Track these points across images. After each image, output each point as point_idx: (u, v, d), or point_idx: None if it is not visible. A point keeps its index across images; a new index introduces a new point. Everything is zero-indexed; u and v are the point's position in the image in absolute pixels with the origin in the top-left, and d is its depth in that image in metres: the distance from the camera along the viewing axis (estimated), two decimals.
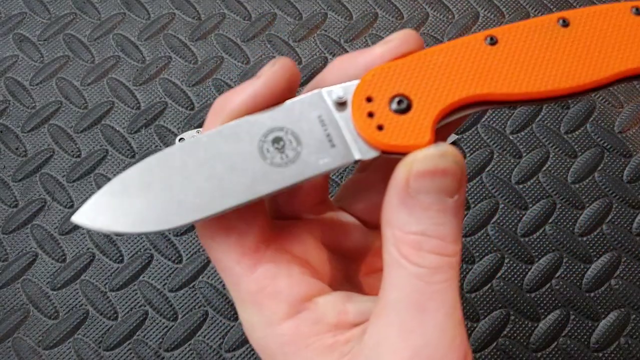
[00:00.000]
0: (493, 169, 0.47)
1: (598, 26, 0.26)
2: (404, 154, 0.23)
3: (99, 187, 0.47)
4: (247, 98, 0.24)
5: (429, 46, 0.23)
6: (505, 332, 0.43)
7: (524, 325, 0.43)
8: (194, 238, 0.46)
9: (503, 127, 0.48)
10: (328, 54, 0.52)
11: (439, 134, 0.24)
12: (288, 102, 0.25)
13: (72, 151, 0.48)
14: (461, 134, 0.48)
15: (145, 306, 0.44)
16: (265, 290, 0.24)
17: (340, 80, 0.25)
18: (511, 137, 0.48)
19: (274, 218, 0.27)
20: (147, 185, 0.24)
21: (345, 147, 0.24)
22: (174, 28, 0.53)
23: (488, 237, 0.45)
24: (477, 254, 0.45)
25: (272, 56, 0.51)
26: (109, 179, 0.47)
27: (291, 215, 0.27)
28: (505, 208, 0.46)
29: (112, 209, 0.24)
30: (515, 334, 0.43)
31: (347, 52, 0.52)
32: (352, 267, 0.28)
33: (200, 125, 0.49)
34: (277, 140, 0.24)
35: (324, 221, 0.28)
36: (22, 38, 0.53)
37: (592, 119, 0.49)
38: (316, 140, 0.24)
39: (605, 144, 0.48)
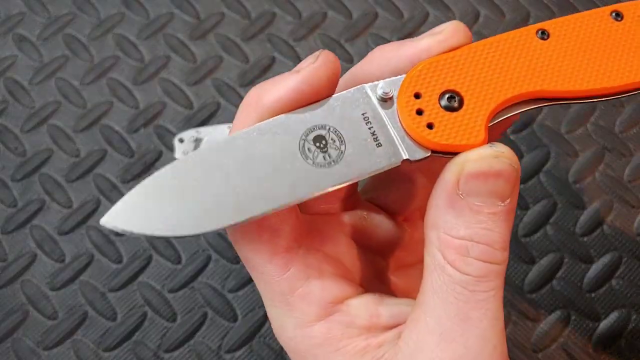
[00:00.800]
0: None
1: None
2: (455, 154, 0.22)
3: (98, 187, 0.47)
4: (284, 94, 0.23)
5: None
6: (506, 333, 0.43)
7: (524, 326, 0.43)
8: (193, 238, 0.45)
9: None
10: None
11: (490, 134, 0.23)
12: (330, 98, 0.23)
13: (71, 151, 0.48)
14: None
15: (144, 307, 0.44)
16: (297, 291, 0.23)
17: (382, 73, 0.24)
18: (512, 137, 0.48)
19: (304, 213, 0.26)
20: (181, 186, 0.22)
21: (393, 147, 0.23)
22: (173, 27, 0.53)
23: None
24: None
25: (271, 55, 0.51)
26: (108, 179, 0.47)
27: (321, 210, 0.26)
28: None
29: (146, 211, 0.22)
30: (516, 334, 0.43)
31: (346, 51, 0.51)
32: (382, 263, 0.27)
33: (199, 125, 0.49)
34: (319, 139, 0.23)
35: (354, 216, 0.27)
36: (21, 38, 0.53)
37: (592, 118, 0.49)
38: (361, 140, 0.23)
39: (606, 144, 0.48)
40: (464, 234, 0.21)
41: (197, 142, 0.46)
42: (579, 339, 0.42)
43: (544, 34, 0.24)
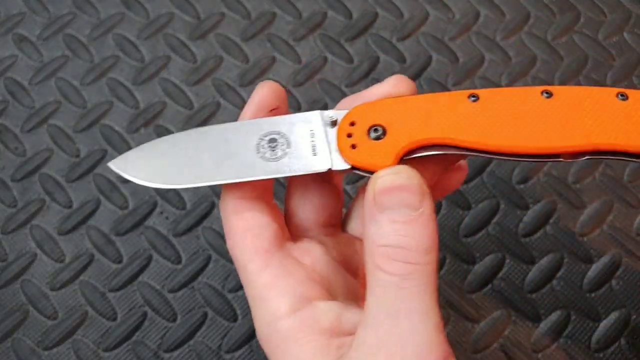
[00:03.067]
0: (493, 169, 0.47)
1: (579, 102, 0.28)
2: (370, 172, 0.28)
3: (98, 187, 0.47)
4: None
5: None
6: (506, 333, 0.43)
7: (524, 326, 0.43)
8: (193, 238, 0.46)
9: None
10: (328, 53, 0.51)
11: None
12: (294, 115, 0.30)
13: (71, 151, 0.48)
14: None
15: (144, 307, 0.44)
16: (272, 286, 0.27)
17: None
18: None
19: (294, 233, 0.31)
20: (168, 152, 0.30)
21: (325, 158, 0.29)
22: (173, 27, 0.53)
23: (489, 237, 0.45)
24: (478, 254, 0.45)
25: (271, 55, 0.51)
26: (108, 179, 0.47)
27: (308, 235, 0.31)
28: (506, 208, 0.46)
29: (145, 166, 0.30)
30: (515, 335, 0.43)
31: (346, 51, 0.51)
32: (354, 281, 0.30)
33: (199, 125, 0.49)
34: (272, 140, 0.30)
35: (336, 240, 0.31)
36: (22, 38, 0.53)
37: None
38: (303, 148, 0.29)
39: None
40: (385, 242, 0.25)
41: None
42: (579, 339, 0.42)
43: (474, 98, 0.29)
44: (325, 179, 0.31)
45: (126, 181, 0.47)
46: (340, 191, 0.32)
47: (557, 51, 0.51)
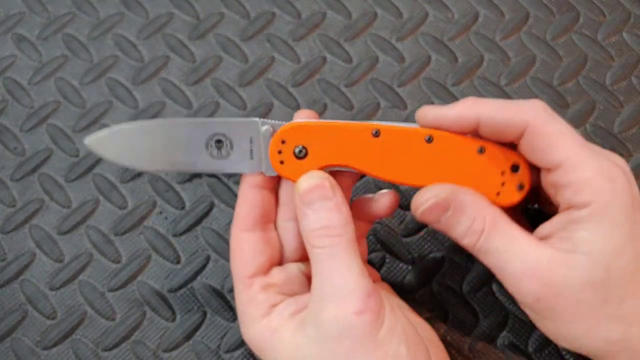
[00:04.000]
0: None
1: (450, 150, 0.36)
2: (293, 181, 0.36)
3: (97, 187, 0.47)
4: None
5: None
6: (504, 333, 0.43)
7: (523, 327, 0.43)
8: (192, 238, 0.46)
9: None
10: (327, 53, 0.51)
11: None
12: (241, 119, 0.37)
13: (71, 151, 0.48)
14: None
15: (143, 306, 0.44)
16: (253, 301, 0.36)
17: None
18: None
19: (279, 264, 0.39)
20: (135, 138, 0.36)
21: (259, 162, 0.37)
22: (173, 27, 0.53)
23: None
24: None
25: (271, 55, 0.51)
26: (107, 179, 0.47)
27: (291, 257, 0.39)
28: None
29: (117, 146, 0.37)
30: (514, 337, 0.43)
31: (346, 51, 0.51)
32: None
33: None
34: (219, 141, 0.36)
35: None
36: (21, 37, 0.53)
37: (591, 119, 0.49)
38: (243, 151, 0.36)
39: (605, 145, 0.48)
40: (315, 227, 0.34)
41: None
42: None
43: (377, 134, 0.35)
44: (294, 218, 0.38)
45: (126, 181, 0.47)
46: None
47: (557, 51, 0.51)
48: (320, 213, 0.34)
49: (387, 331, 0.33)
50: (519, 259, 0.34)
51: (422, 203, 0.35)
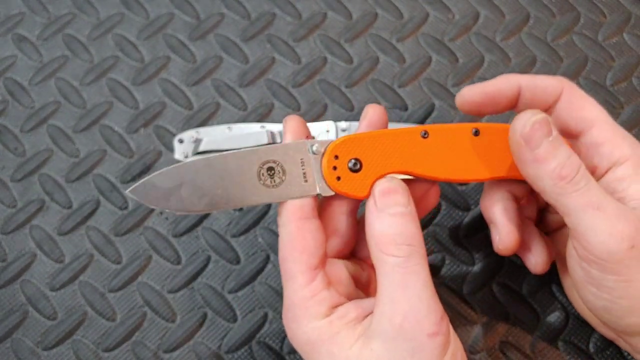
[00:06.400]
0: None
1: (498, 139, 0.36)
2: (350, 197, 0.35)
3: (97, 187, 0.47)
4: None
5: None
6: (504, 334, 0.43)
7: (523, 327, 0.43)
8: (193, 239, 0.46)
9: None
10: (328, 53, 0.51)
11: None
12: (288, 143, 0.35)
13: (71, 151, 0.48)
14: None
15: (144, 307, 0.44)
16: (313, 297, 0.34)
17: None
18: None
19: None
20: (181, 181, 0.34)
21: (313, 184, 0.34)
22: (173, 27, 0.53)
23: (488, 239, 0.45)
24: (477, 255, 0.45)
25: (271, 56, 0.51)
26: (107, 180, 0.47)
27: (337, 255, 0.37)
28: None
29: (159, 192, 0.34)
30: (514, 336, 0.43)
31: (346, 51, 0.51)
32: (366, 295, 0.38)
33: (199, 125, 0.49)
34: (270, 169, 0.34)
35: (350, 262, 0.38)
36: (21, 38, 0.53)
37: None
38: (296, 175, 0.34)
39: None
40: (390, 232, 0.33)
41: (197, 142, 0.46)
42: (578, 339, 0.42)
43: (425, 134, 0.35)
44: (346, 212, 0.36)
45: (126, 182, 0.47)
46: (356, 223, 0.37)
47: (557, 52, 0.51)
48: (396, 218, 0.33)
49: (451, 356, 0.33)
50: (614, 202, 0.33)
51: (529, 118, 0.33)
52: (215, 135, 0.47)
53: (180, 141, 0.47)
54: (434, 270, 0.44)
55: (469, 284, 0.44)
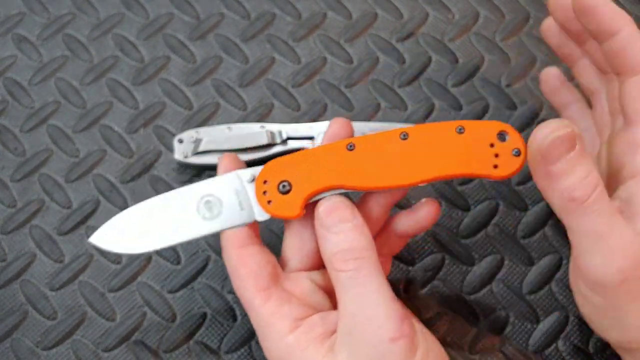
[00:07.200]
0: None
1: (428, 140, 0.35)
2: (284, 219, 0.37)
3: (97, 187, 0.47)
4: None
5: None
6: (504, 334, 0.43)
7: (523, 327, 0.43)
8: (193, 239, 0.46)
9: None
10: (328, 53, 0.51)
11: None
12: (222, 176, 0.37)
13: (71, 151, 0.48)
14: None
15: (143, 307, 0.44)
16: (275, 314, 0.35)
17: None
18: None
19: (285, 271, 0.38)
20: (130, 224, 0.37)
21: (250, 211, 0.37)
22: (173, 27, 0.53)
23: (488, 239, 0.45)
24: (477, 255, 0.45)
25: (271, 56, 0.51)
26: (107, 179, 0.47)
27: (298, 268, 0.38)
28: (505, 209, 0.46)
29: (112, 237, 0.37)
30: (514, 336, 0.43)
31: (346, 52, 0.51)
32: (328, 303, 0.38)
33: (199, 125, 0.49)
34: (208, 202, 0.37)
35: (321, 271, 0.38)
36: (21, 38, 0.53)
37: None
38: (232, 205, 0.37)
39: None
40: (337, 249, 0.34)
41: (197, 142, 0.46)
42: (578, 339, 0.43)
43: (351, 147, 0.35)
44: (310, 226, 0.37)
45: (126, 182, 0.47)
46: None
47: None
48: (341, 235, 0.34)
49: (421, 357, 0.33)
50: (619, 231, 0.31)
51: (551, 132, 0.30)
52: (215, 136, 0.47)
53: (180, 141, 0.47)
54: (434, 270, 0.44)
55: (469, 284, 0.44)
